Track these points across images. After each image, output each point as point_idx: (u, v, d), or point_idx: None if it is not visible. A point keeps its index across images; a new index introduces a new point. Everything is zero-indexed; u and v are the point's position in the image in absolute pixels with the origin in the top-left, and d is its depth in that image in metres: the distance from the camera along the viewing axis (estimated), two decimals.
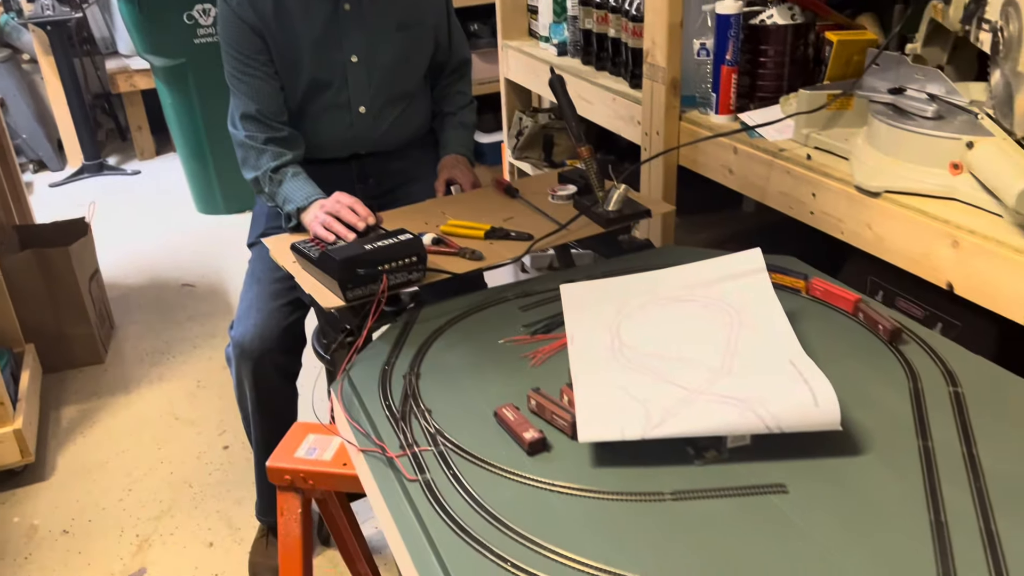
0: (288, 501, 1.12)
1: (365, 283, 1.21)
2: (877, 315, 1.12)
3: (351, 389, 1.10)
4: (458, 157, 1.69)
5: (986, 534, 0.80)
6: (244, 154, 1.55)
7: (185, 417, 2.33)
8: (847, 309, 1.16)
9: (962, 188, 1.17)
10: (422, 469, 0.94)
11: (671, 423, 0.91)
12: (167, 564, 1.81)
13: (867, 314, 1.14)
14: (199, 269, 3.21)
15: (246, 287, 1.62)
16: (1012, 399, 0.99)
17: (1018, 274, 1.05)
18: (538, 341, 1.18)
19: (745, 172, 1.52)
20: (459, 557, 0.81)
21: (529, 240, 1.39)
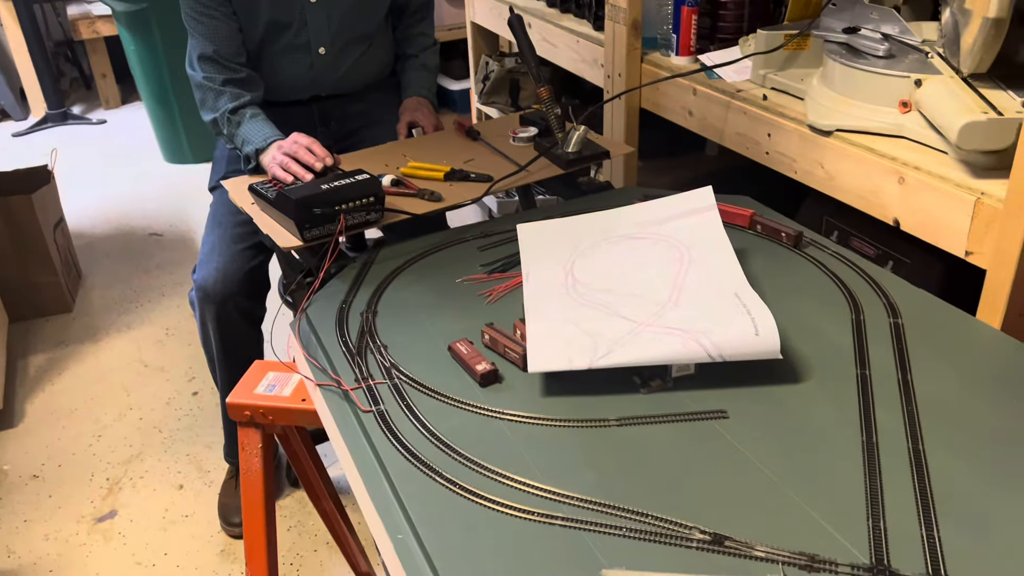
0: (249, 436, 1.14)
1: (322, 223, 1.22)
2: (776, 224, 1.16)
3: (309, 327, 1.12)
4: (420, 99, 1.68)
5: (913, 454, 0.83)
6: (202, 96, 1.53)
7: (154, 364, 2.34)
8: (744, 225, 1.22)
9: (910, 126, 1.19)
10: (376, 401, 0.96)
11: (617, 353, 0.93)
12: (137, 506, 1.84)
13: (764, 224, 1.18)
14: (167, 218, 3.19)
15: (208, 231, 1.62)
16: (949, 329, 1.03)
17: (959, 208, 1.08)
18: (495, 280, 1.19)
19: (704, 113, 1.53)
20: (410, 481, 0.84)
21: (489, 181, 1.40)
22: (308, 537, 1.74)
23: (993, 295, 1.06)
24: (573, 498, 0.80)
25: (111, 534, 1.77)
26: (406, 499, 0.82)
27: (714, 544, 0.74)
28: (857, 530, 0.75)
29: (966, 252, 1.09)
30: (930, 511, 0.76)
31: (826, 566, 0.72)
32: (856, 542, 0.74)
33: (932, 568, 0.71)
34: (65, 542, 1.76)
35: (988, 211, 1.05)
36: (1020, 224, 1.00)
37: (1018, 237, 1.01)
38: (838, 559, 0.72)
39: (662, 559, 0.73)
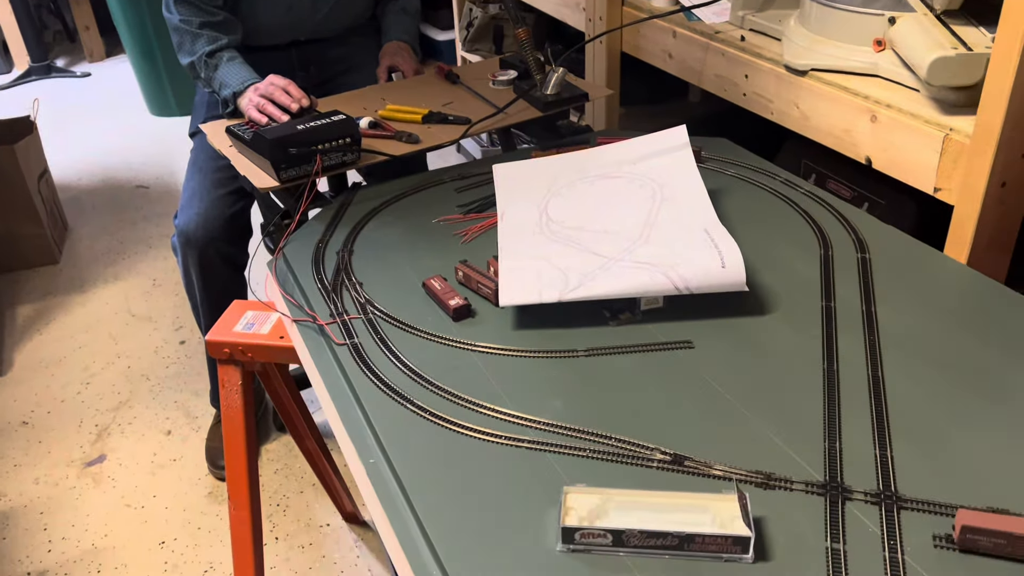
0: (228, 374, 1.15)
1: (299, 163, 1.22)
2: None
3: (286, 266, 1.13)
4: (400, 44, 1.67)
5: (872, 380, 0.85)
6: (179, 39, 1.52)
7: (141, 314, 2.35)
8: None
9: (884, 64, 1.19)
10: (351, 335, 0.97)
11: (587, 287, 0.95)
12: (126, 451, 1.87)
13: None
14: (153, 170, 3.18)
15: (188, 176, 1.63)
16: (916, 264, 1.04)
17: (928, 145, 1.09)
18: (471, 220, 1.20)
19: (683, 56, 1.53)
20: (382, 409, 0.86)
21: (467, 124, 1.40)
22: (294, 479, 1.77)
23: (960, 230, 1.07)
24: (540, 423, 0.82)
25: (100, 478, 1.80)
26: (378, 426, 0.84)
27: (674, 464, 0.77)
28: (814, 451, 0.77)
29: (935, 188, 1.10)
30: (885, 433, 0.79)
31: (781, 483, 0.74)
32: (812, 462, 0.76)
33: (883, 484, 0.73)
34: (55, 485, 1.79)
35: (956, 147, 1.06)
36: (986, 159, 1.01)
37: (984, 172, 1.02)
38: (793, 477, 0.75)
39: (624, 478, 0.76)
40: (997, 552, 0.66)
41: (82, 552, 1.63)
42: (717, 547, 0.67)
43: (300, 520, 1.68)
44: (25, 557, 1.63)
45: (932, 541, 0.68)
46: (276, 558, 1.59)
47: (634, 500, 0.71)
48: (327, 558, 1.59)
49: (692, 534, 0.67)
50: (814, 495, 0.73)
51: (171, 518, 1.69)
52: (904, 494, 0.72)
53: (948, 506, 0.70)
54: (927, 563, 0.66)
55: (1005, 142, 1.00)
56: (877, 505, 0.71)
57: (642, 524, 0.68)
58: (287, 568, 1.57)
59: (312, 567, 1.57)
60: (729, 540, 0.67)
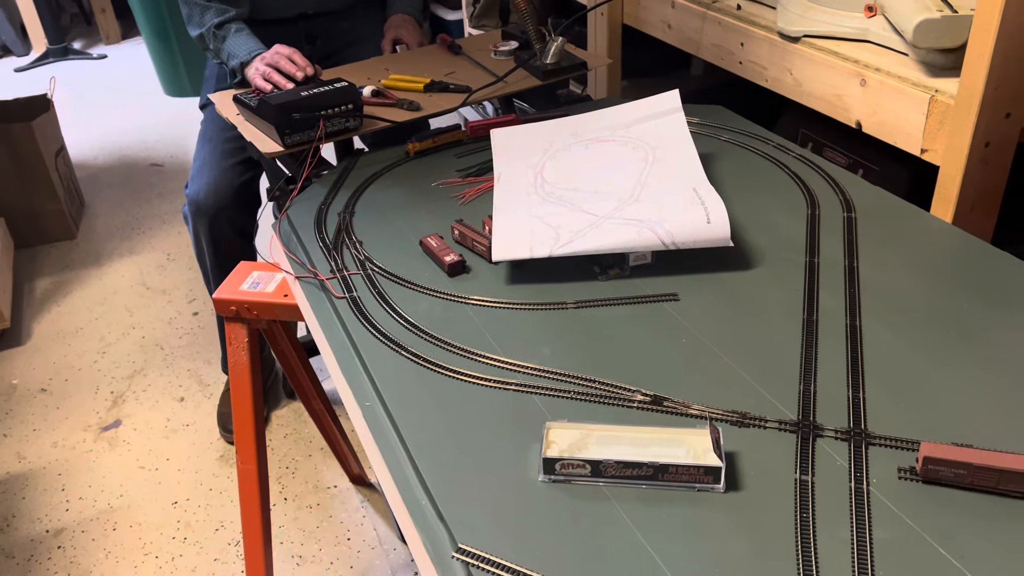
0: (235, 331, 1.20)
1: (302, 129, 1.26)
2: None
3: (290, 227, 1.17)
4: (404, 16, 1.70)
5: (850, 329, 0.88)
6: (189, 11, 1.56)
7: (156, 287, 2.41)
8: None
9: (874, 30, 1.21)
10: (350, 289, 1.01)
11: (577, 242, 0.98)
12: (141, 417, 1.92)
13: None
14: (167, 149, 3.23)
15: (198, 147, 1.67)
16: (901, 223, 1.07)
17: (914, 107, 1.11)
18: (469, 183, 1.24)
19: (681, 26, 1.55)
20: (377, 356, 0.90)
21: (467, 92, 1.43)
22: (303, 444, 1.82)
23: (945, 190, 1.10)
24: (527, 367, 0.86)
25: (116, 441, 1.86)
26: (374, 372, 0.88)
27: (653, 404, 0.80)
28: (789, 393, 0.81)
29: (921, 150, 1.13)
30: (859, 377, 0.82)
31: (756, 422, 0.77)
32: (786, 403, 0.79)
33: (854, 423, 0.76)
34: (72, 449, 1.85)
35: (941, 108, 1.08)
36: (970, 120, 1.03)
37: (967, 132, 1.04)
38: (768, 416, 0.78)
39: (605, 417, 0.79)
40: (958, 482, 0.69)
41: (98, 511, 1.69)
42: (689, 477, 0.71)
43: (308, 482, 1.73)
44: (44, 516, 1.69)
45: (897, 474, 0.71)
46: (284, 517, 1.64)
47: (613, 435, 0.75)
48: (334, 518, 1.64)
49: (666, 464, 0.70)
50: (787, 432, 0.76)
51: (183, 480, 1.75)
52: (873, 431, 0.75)
53: (915, 442, 0.73)
54: (891, 493, 0.69)
55: (988, 102, 1.02)
56: (846, 441, 0.75)
57: (619, 456, 0.71)
58: (295, 527, 1.62)
59: (320, 526, 1.62)
60: (701, 470, 0.70)
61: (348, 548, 1.58)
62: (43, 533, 1.65)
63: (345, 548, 1.58)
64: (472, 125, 1.31)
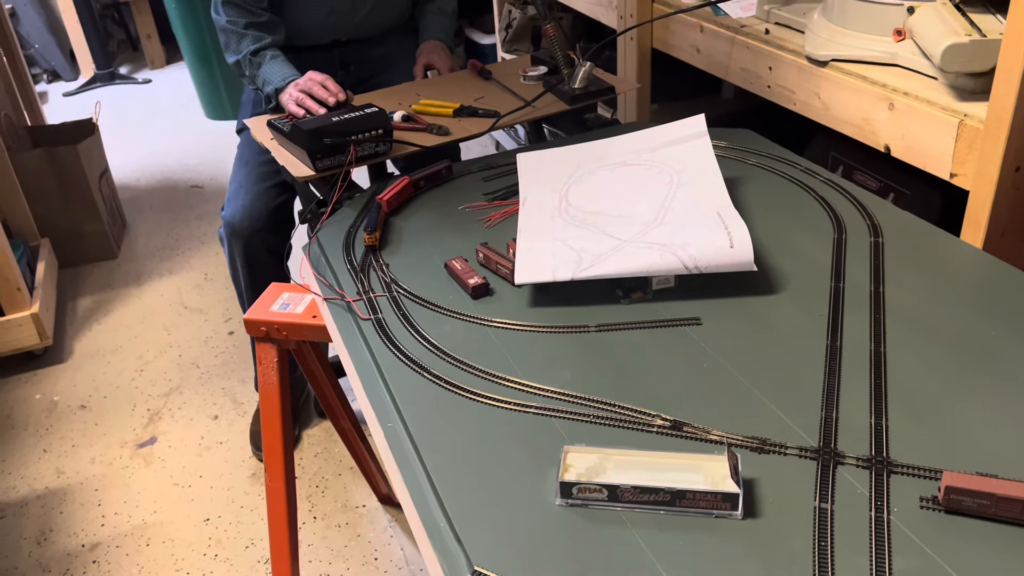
0: (265, 351, 1.22)
1: (333, 153, 1.29)
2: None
3: (319, 250, 1.19)
4: (436, 43, 1.73)
5: (874, 355, 0.88)
6: (226, 39, 1.60)
7: (193, 306, 2.46)
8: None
9: (903, 54, 1.21)
10: (375, 311, 1.03)
11: (599, 266, 0.99)
12: (176, 434, 1.96)
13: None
14: (207, 171, 3.30)
15: (235, 170, 1.71)
16: (930, 248, 1.06)
17: (943, 131, 1.10)
18: (495, 207, 1.25)
19: (710, 50, 1.56)
20: (400, 377, 0.91)
21: (495, 117, 1.45)
22: (333, 463, 1.84)
23: (975, 215, 1.08)
24: (547, 390, 0.86)
25: (151, 458, 1.89)
26: (396, 392, 0.89)
27: (673, 429, 0.80)
28: (810, 419, 0.80)
29: (951, 174, 1.12)
30: (882, 404, 0.81)
31: (776, 448, 0.77)
32: (807, 429, 0.79)
33: (875, 450, 0.76)
34: (109, 465, 1.88)
35: (970, 132, 1.07)
36: (999, 144, 1.02)
37: (997, 156, 1.03)
38: (788, 443, 0.77)
39: (624, 441, 0.79)
40: (981, 512, 0.68)
41: (133, 527, 1.72)
42: (707, 503, 0.70)
43: (337, 501, 1.74)
44: (80, 530, 1.72)
45: (919, 503, 0.70)
46: (313, 536, 1.66)
47: (631, 459, 0.75)
48: (362, 537, 1.65)
49: (683, 490, 0.70)
50: (807, 459, 0.75)
51: (216, 497, 1.77)
52: (895, 459, 0.74)
53: (938, 471, 0.72)
54: (912, 523, 0.68)
55: (1018, 126, 1.01)
56: (868, 469, 0.74)
57: (637, 481, 0.72)
58: (324, 545, 1.64)
59: (348, 545, 1.64)
60: (719, 497, 0.70)
61: (375, 568, 1.58)
62: (79, 548, 1.68)
63: (372, 568, 1.58)
64: (386, 197, 1.23)
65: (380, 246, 1.15)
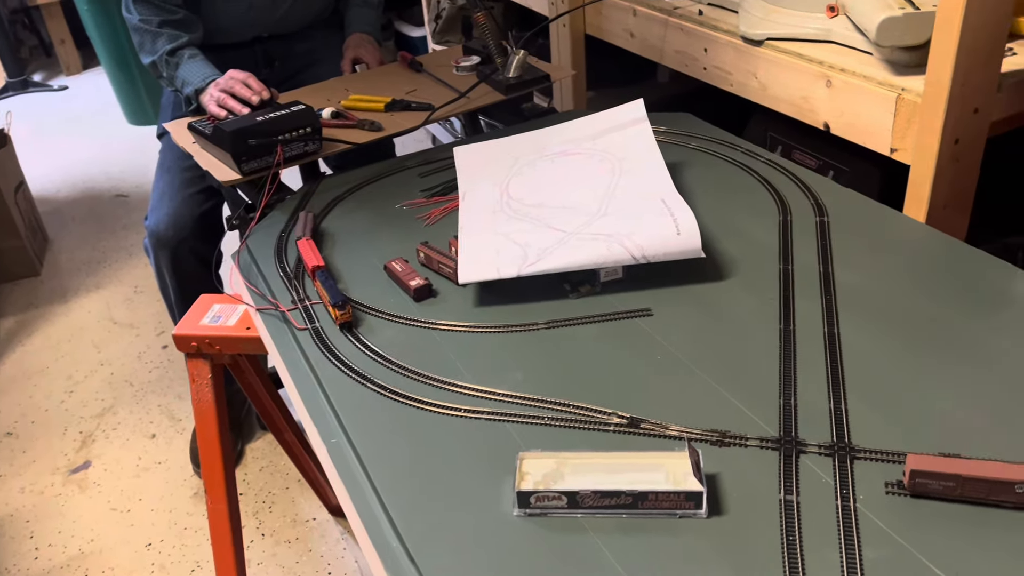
0: (198, 367, 1.15)
1: (260, 155, 1.22)
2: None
3: (250, 257, 1.13)
4: (363, 36, 1.67)
5: (828, 337, 0.86)
6: (140, 39, 1.52)
7: (124, 321, 2.35)
8: None
9: (837, 30, 1.20)
10: (312, 319, 0.98)
11: (545, 260, 0.95)
12: (111, 456, 1.87)
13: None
14: (132, 179, 3.17)
15: (157, 177, 1.63)
16: (874, 225, 1.05)
17: (882, 106, 1.09)
18: (434, 203, 1.21)
19: (644, 34, 1.53)
20: (342, 389, 0.86)
21: (429, 110, 1.40)
22: (279, 476, 1.77)
23: (917, 189, 1.08)
24: (499, 394, 0.83)
25: (86, 484, 1.80)
26: (338, 405, 0.84)
27: (630, 426, 0.77)
28: (769, 408, 0.78)
29: (891, 149, 1.11)
30: (840, 387, 0.79)
31: (736, 440, 0.75)
32: (767, 419, 0.77)
33: (837, 436, 0.74)
34: (40, 494, 1.79)
35: (909, 106, 1.06)
36: (938, 117, 1.02)
37: (936, 129, 1.02)
38: (748, 434, 0.75)
39: (580, 442, 0.76)
40: (947, 495, 0.66)
41: (69, 558, 1.63)
42: (670, 504, 0.67)
43: (286, 516, 1.68)
44: (12, 566, 1.63)
45: (884, 488, 0.68)
46: (263, 554, 1.59)
47: (589, 462, 0.71)
48: (314, 551, 1.59)
49: (645, 492, 0.67)
50: (768, 450, 0.73)
51: (157, 520, 1.69)
52: (857, 444, 0.73)
53: (900, 454, 0.71)
54: (878, 509, 0.67)
55: (955, 99, 1.00)
56: (830, 456, 0.72)
57: (596, 485, 0.68)
58: (274, 563, 1.57)
59: (299, 561, 1.58)
60: (682, 496, 0.67)
61: None
62: None
63: None
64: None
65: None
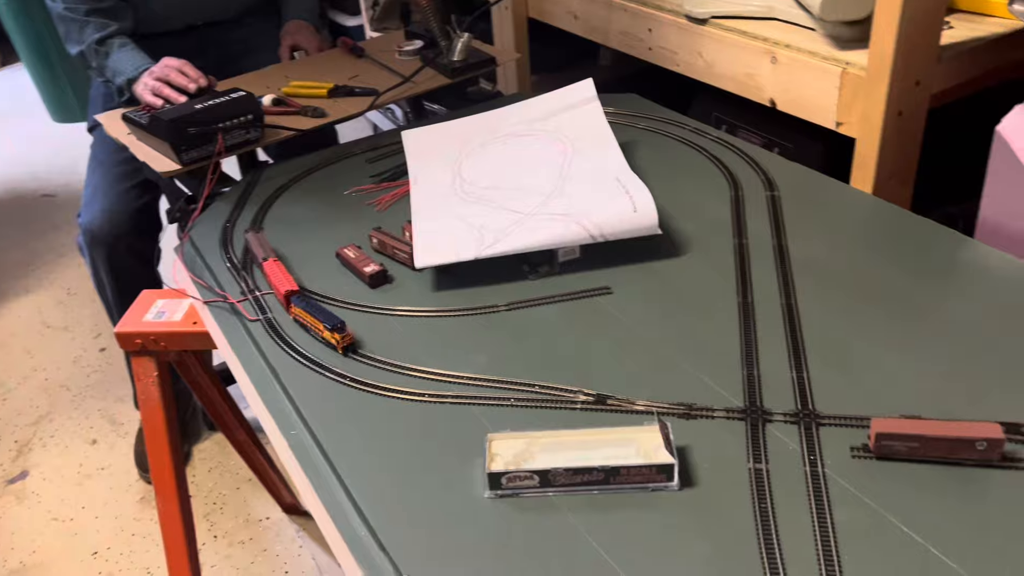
0: (142, 365, 1.11)
1: (199, 144, 1.18)
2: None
3: (194, 249, 1.09)
4: (301, 22, 1.63)
5: (786, 308, 0.87)
6: (65, 28, 1.45)
7: (57, 325, 2.26)
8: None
9: (780, 7, 1.21)
10: (264, 310, 0.95)
11: (503, 242, 0.94)
12: (50, 465, 1.79)
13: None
14: (59, 178, 3.05)
15: (89, 172, 1.56)
16: (823, 197, 1.06)
17: (827, 80, 1.11)
18: (384, 189, 1.18)
19: (588, 16, 1.53)
20: (300, 380, 0.84)
21: (374, 95, 1.37)
22: (229, 476, 1.73)
23: (863, 161, 1.10)
24: (463, 378, 0.81)
25: (24, 494, 1.73)
26: (296, 396, 0.82)
27: (597, 403, 0.77)
28: (732, 379, 0.78)
29: (837, 123, 1.13)
30: (800, 356, 0.80)
31: (703, 412, 0.75)
32: (731, 390, 0.77)
33: (801, 404, 0.74)
34: None
35: (853, 80, 1.08)
36: (882, 90, 1.04)
37: (880, 102, 1.04)
38: (714, 405, 0.75)
39: (549, 422, 0.75)
40: (912, 455, 0.68)
41: (9, 572, 1.56)
42: (642, 477, 0.67)
43: (239, 516, 1.64)
44: None
45: (850, 452, 0.69)
46: (216, 556, 1.55)
47: (558, 441, 0.71)
48: (269, 551, 1.56)
49: (616, 467, 0.67)
50: (735, 420, 0.73)
51: (102, 528, 1.63)
52: (821, 411, 0.73)
53: (863, 418, 0.72)
54: (846, 473, 0.67)
55: (898, 72, 1.02)
56: (796, 424, 0.72)
57: (567, 462, 0.67)
58: (228, 565, 1.53)
59: (254, 561, 1.54)
60: (653, 469, 0.67)
61: None
62: None
63: None
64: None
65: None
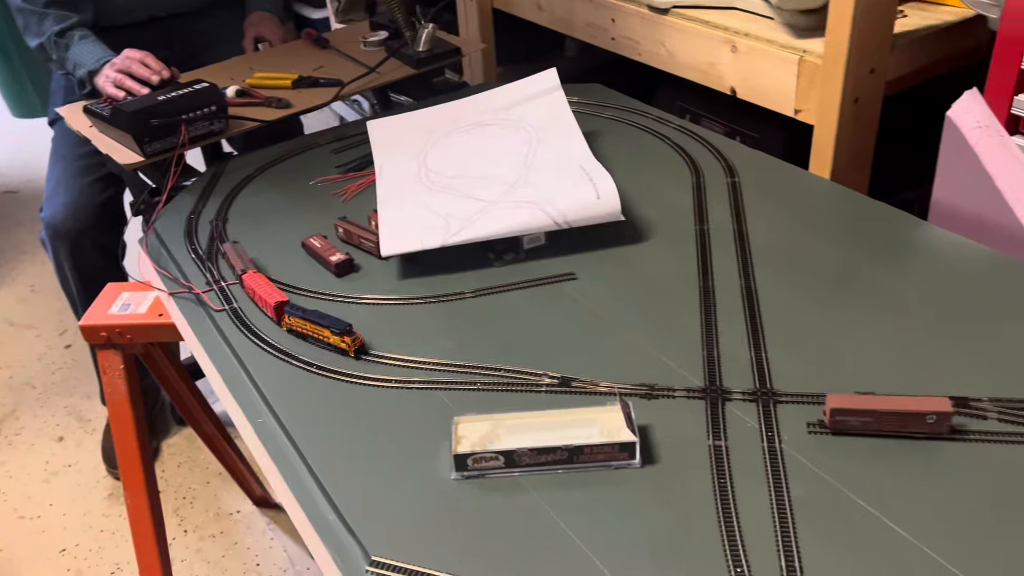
0: (109, 358, 1.11)
1: (163, 136, 1.17)
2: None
3: (158, 241, 1.09)
4: (264, 14, 1.62)
5: (745, 291, 0.89)
6: (24, 21, 1.43)
7: (21, 322, 2.23)
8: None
9: None
10: (229, 300, 0.95)
11: (468, 230, 0.95)
12: (16, 463, 1.77)
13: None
14: (21, 174, 3.00)
15: (51, 166, 1.54)
16: (783, 183, 1.08)
17: (785, 68, 1.13)
18: (349, 179, 1.19)
19: (552, 6, 1.54)
20: (265, 368, 0.84)
21: (339, 86, 1.37)
22: (199, 471, 1.72)
23: (821, 148, 1.12)
24: (429, 363, 0.82)
25: None
26: (263, 384, 0.82)
27: (561, 386, 0.78)
28: (693, 360, 0.80)
29: (795, 111, 1.15)
30: (759, 337, 0.82)
31: (664, 392, 0.76)
32: (692, 370, 0.79)
33: (759, 383, 0.76)
34: None
35: (811, 68, 1.10)
36: (838, 77, 1.06)
37: (837, 89, 1.06)
38: (675, 385, 0.77)
39: (514, 405, 0.76)
40: (865, 430, 0.70)
41: None
42: (605, 456, 0.69)
43: (208, 511, 1.63)
44: None
45: (806, 428, 0.71)
46: (187, 551, 1.55)
47: (523, 422, 0.72)
48: (240, 544, 1.56)
49: (580, 446, 0.68)
50: (695, 399, 0.75)
51: (70, 524, 1.62)
52: (779, 389, 0.75)
53: (819, 396, 0.74)
54: (803, 448, 0.69)
55: (854, 59, 1.05)
56: (754, 402, 0.74)
57: (532, 443, 0.69)
58: (199, 559, 1.53)
59: (225, 555, 1.54)
60: (616, 447, 0.68)
61: (258, 574, 1.50)
62: None
63: (255, 575, 1.50)
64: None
65: (225, 230, 1.06)
